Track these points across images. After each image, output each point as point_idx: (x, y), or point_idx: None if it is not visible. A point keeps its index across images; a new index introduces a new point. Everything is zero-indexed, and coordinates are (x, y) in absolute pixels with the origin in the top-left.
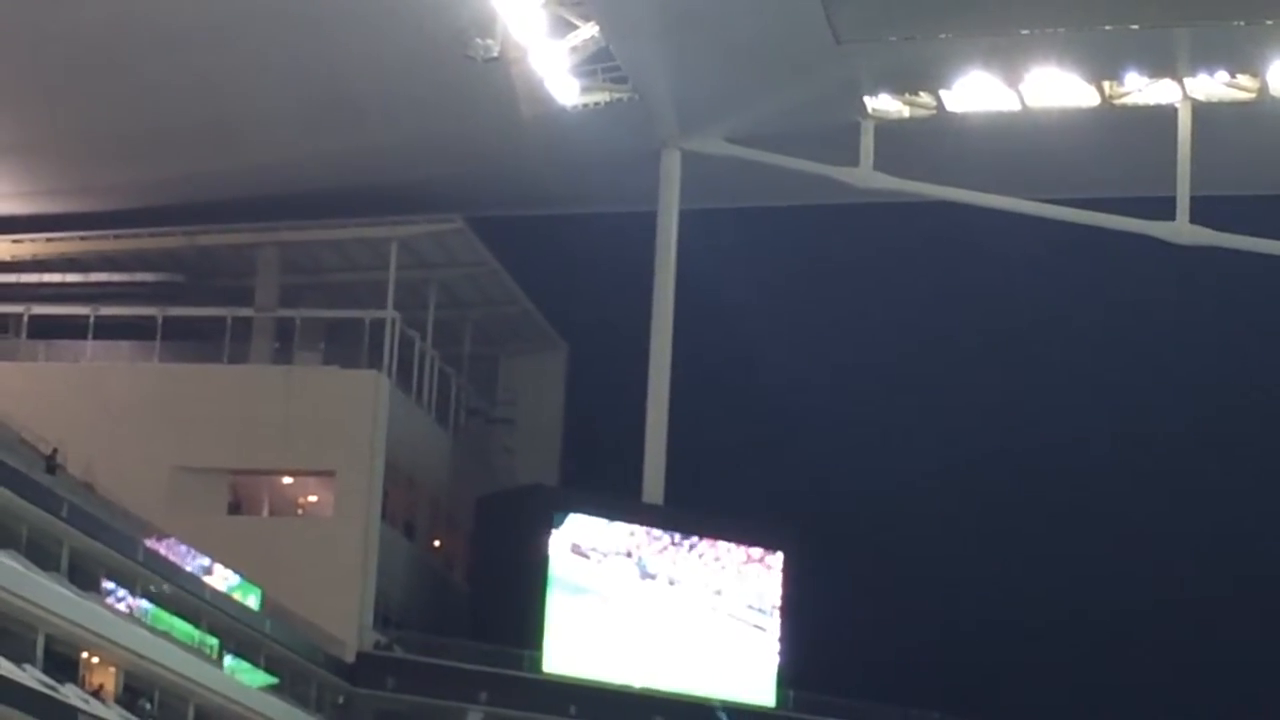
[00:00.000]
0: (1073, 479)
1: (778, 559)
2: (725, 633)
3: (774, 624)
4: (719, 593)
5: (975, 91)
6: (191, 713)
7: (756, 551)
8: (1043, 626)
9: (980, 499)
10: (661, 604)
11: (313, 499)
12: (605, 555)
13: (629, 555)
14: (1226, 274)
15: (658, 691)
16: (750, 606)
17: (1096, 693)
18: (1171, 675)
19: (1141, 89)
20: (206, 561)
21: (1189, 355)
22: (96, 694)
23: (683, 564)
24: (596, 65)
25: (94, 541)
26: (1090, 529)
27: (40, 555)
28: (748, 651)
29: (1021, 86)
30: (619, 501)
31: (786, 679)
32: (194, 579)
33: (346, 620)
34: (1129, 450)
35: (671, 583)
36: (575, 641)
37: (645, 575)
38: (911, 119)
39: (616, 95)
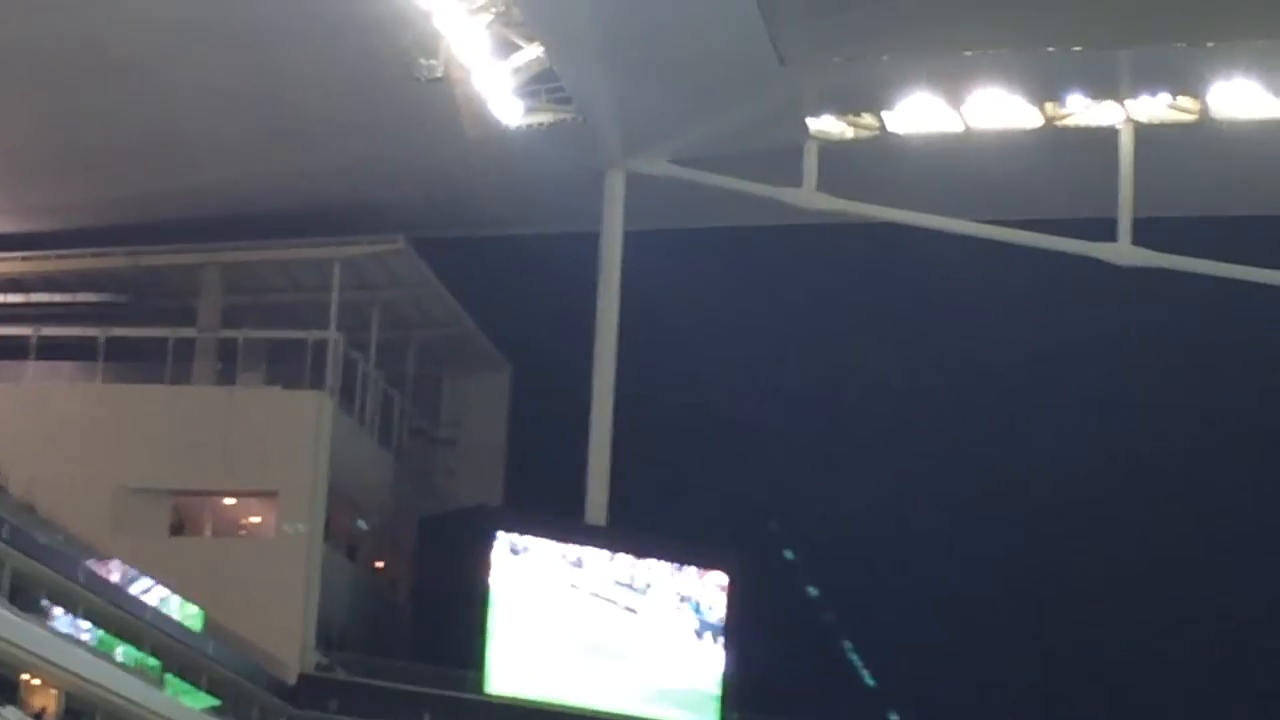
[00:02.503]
0: (1018, 498)
1: (722, 580)
2: (669, 653)
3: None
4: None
5: (918, 112)
6: None
7: (699, 571)
8: (994, 651)
9: (926, 520)
10: (604, 623)
11: (255, 520)
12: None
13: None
14: (1168, 294)
15: (600, 711)
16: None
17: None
18: (1125, 702)
19: (1084, 110)
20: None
21: (1131, 374)
22: (38, 716)
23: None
24: (540, 86)
25: (35, 563)
26: (1040, 549)
27: None
28: (691, 673)
29: (964, 108)
30: (562, 522)
31: (730, 701)
32: (135, 601)
33: (289, 641)
34: (1075, 471)
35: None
36: (518, 662)
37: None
38: (855, 140)
39: (560, 116)
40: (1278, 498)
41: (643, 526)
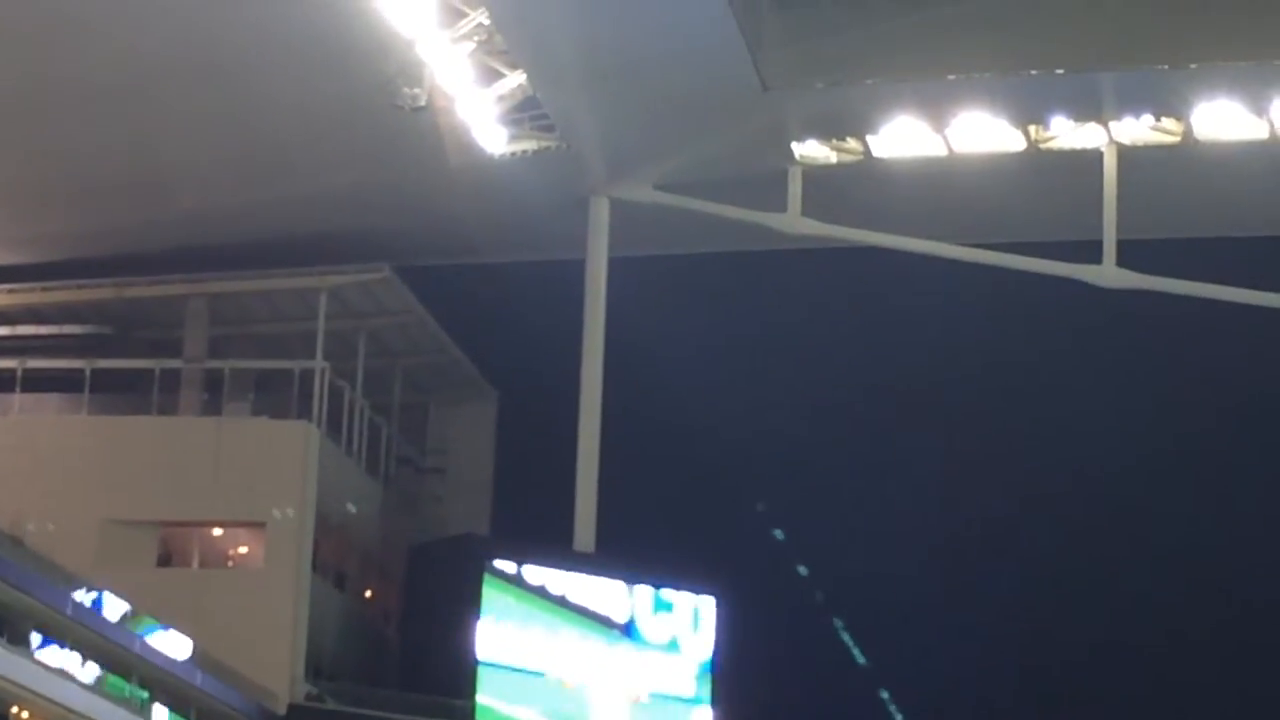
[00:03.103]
0: (1006, 524)
1: (711, 606)
2: (658, 679)
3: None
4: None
5: (902, 136)
6: None
7: (687, 596)
8: (987, 680)
9: (917, 545)
10: (593, 651)
11: (243, 550)
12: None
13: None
14: (1153, 316)
15: None
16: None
17: None
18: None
19: (1067, 133)
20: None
21: (1116, 396)
22: None
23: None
24: (524, 113)
25: (23, 595)
26: (1029, 573)
27: None
28: (681, 696)
29: (948, 131)
30: (550, 550)
31: None
32: (124, 632)
33: (278, 672)
34: (1064, 496)
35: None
36: (508, 691)
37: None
38: (839, 164)
39: (544, 143)
40: (1270, 512)
41: (631, 553)
